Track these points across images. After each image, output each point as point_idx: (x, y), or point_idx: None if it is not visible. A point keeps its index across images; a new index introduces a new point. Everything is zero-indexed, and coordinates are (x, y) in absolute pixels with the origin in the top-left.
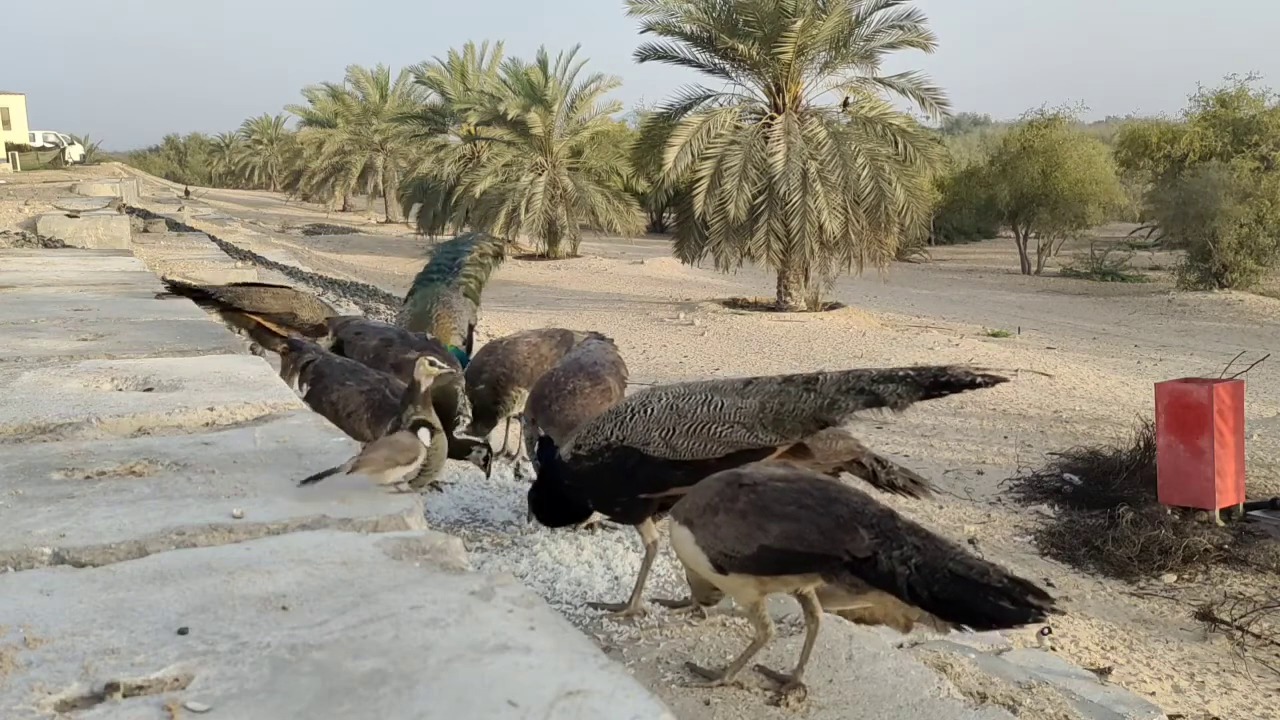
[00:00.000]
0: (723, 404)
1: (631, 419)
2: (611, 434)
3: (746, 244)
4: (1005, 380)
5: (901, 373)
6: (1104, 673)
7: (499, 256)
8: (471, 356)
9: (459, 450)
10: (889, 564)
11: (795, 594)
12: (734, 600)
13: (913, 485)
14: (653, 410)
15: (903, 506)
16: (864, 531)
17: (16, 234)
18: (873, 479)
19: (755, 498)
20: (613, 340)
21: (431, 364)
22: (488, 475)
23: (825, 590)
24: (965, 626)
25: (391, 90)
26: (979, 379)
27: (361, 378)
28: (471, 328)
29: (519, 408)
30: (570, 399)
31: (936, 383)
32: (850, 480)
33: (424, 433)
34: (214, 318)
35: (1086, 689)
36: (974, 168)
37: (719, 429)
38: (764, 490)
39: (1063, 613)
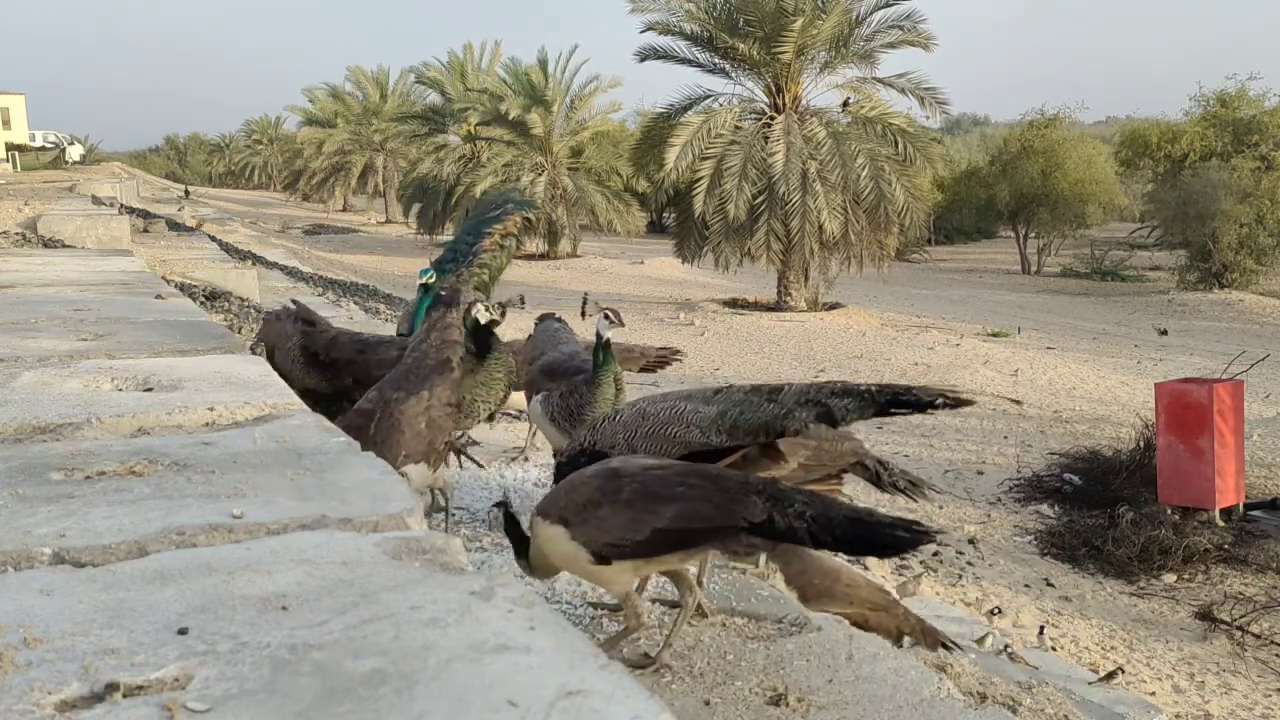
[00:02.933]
0: (684, 408)
1: (603, 424)
2: (585, 439)
3: (746, 244)
4: (971, 404)
5: (862, 388)
6: (1109, 676)
7: (528, 228)
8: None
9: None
10: (786, 521)
11: (669, 573)
12: (607, 591)
13: (912, 488)
14: (623, 415)
15: (902, 507)
16: (755, 497)
17: (16, 234)
18: (876, 480)
19: (639, 486)
20: (564, 320)
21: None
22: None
23: (822, 589)
24: (870, 557)
25: (391, 90)
26: (940, 400)
27: None
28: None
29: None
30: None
31: (896, 400)
32: (853, 481)
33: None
34: (215, 317)
35: (1086, 689)
36: (974, 168)
37: (675, 430)
38: (646, 478)
39: (942, 532)
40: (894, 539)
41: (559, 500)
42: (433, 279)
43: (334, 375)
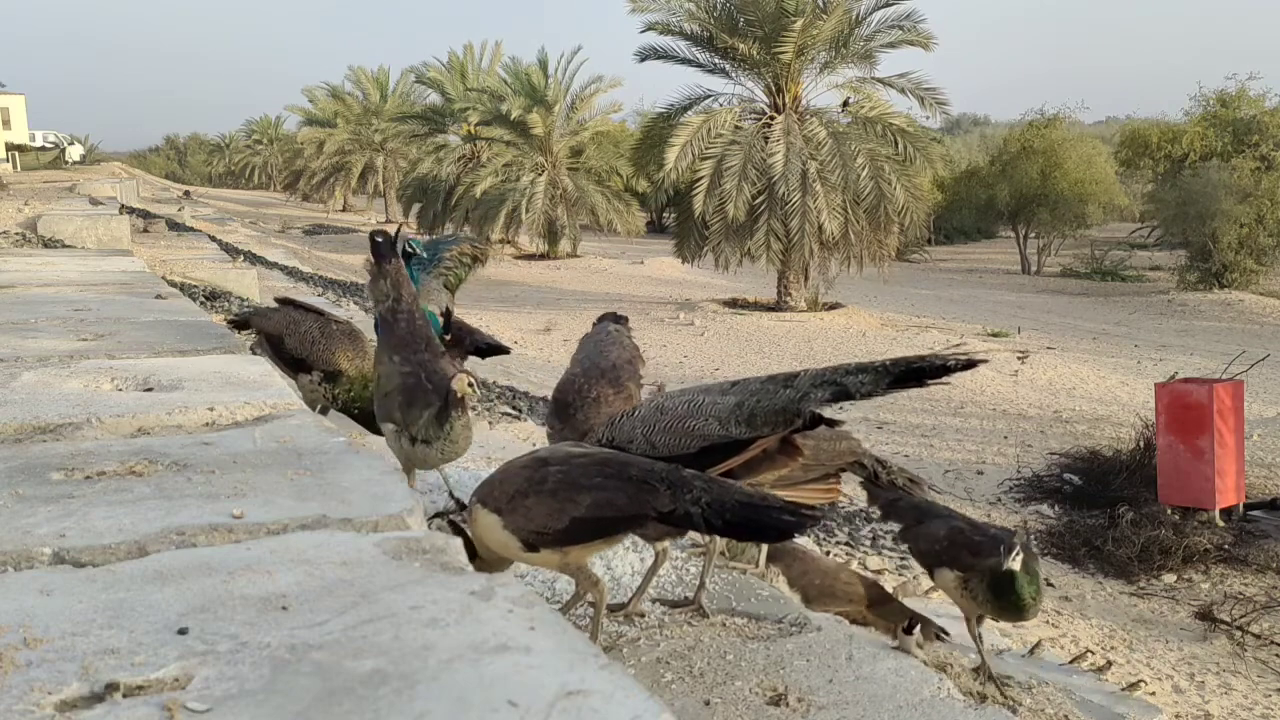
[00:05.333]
0: (702, 401)
1: (622, 420)
2: (603, 435)
3: (746, 244)
4: (984, 361)
5: (876, 364)
6: (1103, 669)
7: (479, 260)
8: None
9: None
10: (684, 508)
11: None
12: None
13: (910, 485)
14: (640, 410)
15: None
16: (661, 486)
17: (16, 234)
18: (874, 479)
19: (562, 476)
20: (626, 320)
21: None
22: None
23: (823, 589)
24: (758, 540)
25: (392, 90)
26: (954, 362)
27: None
28: (450, 312)
29: None
30: (595, 406)
31: (910, 370)
32: (851, 480)
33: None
34: (215, 318)
35: (1087, 689)
36: (974, 168)
37: (693, 423)
38: (569, 468)
39: (826, 515)
40: (780, 523)
41: (494, 490)
42: (419, 249)
43: (366, 358)
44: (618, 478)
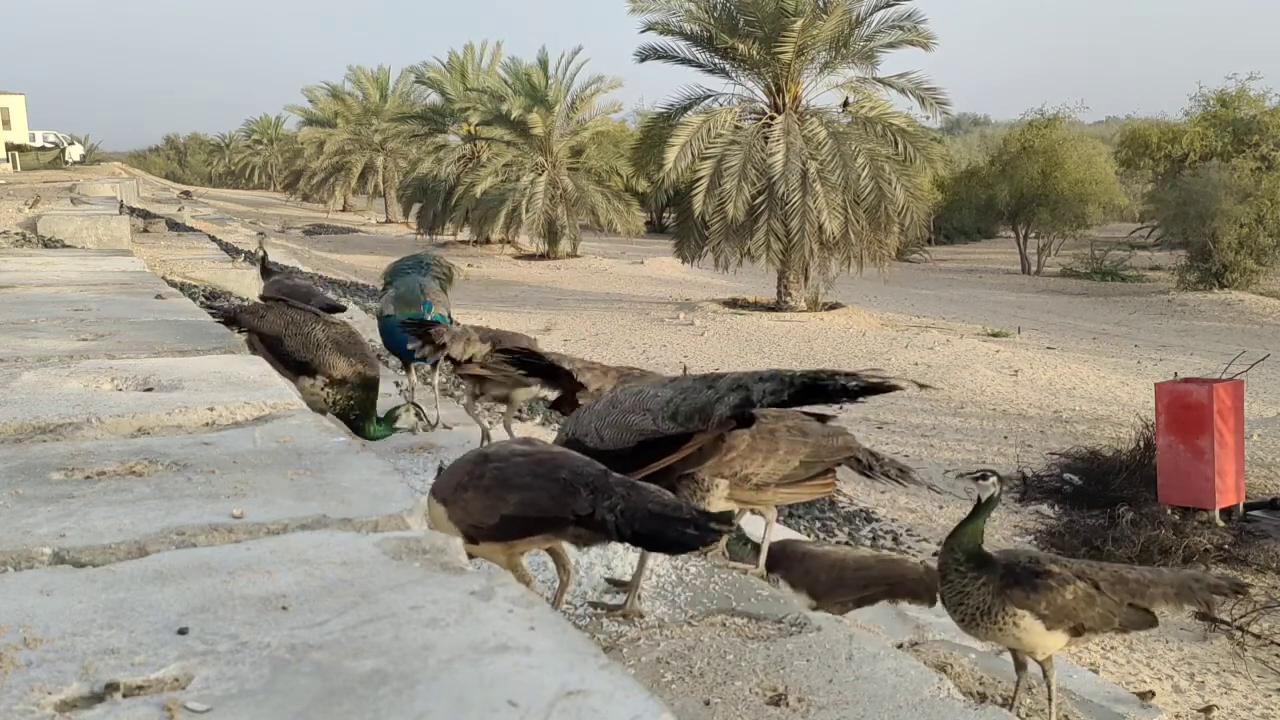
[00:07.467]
0: (647, 394)
1: (583, 413)
2: (569, 429)
3: (746, 244)
4: (899, 389)
5: (785, 375)
6: (1146, 696)
7: (450, 279)
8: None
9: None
10: (602, 514)
11: (546, 550)
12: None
13: (901, 475)
14: (597, 404)
15: (903, 506)
16: (584, 490)
17: (16, 234)
18: (868, 472)
19: (497, 473)
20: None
21: None
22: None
23: (832, 582)
24: (660, 553)
25: (392, 90)
26: (855, 384)
27: None
28: (449, 314)
29: None
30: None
31: (814, 385)
32: (847, 473)
33: None
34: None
35: (1086, 689)
36: (974, 168)
37: (633, 418)
38: (505, 465)
39: (733, 531)
40: (683, 536)
41: (443, 481)
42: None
43: (369, 364)
44: (547, 478)
